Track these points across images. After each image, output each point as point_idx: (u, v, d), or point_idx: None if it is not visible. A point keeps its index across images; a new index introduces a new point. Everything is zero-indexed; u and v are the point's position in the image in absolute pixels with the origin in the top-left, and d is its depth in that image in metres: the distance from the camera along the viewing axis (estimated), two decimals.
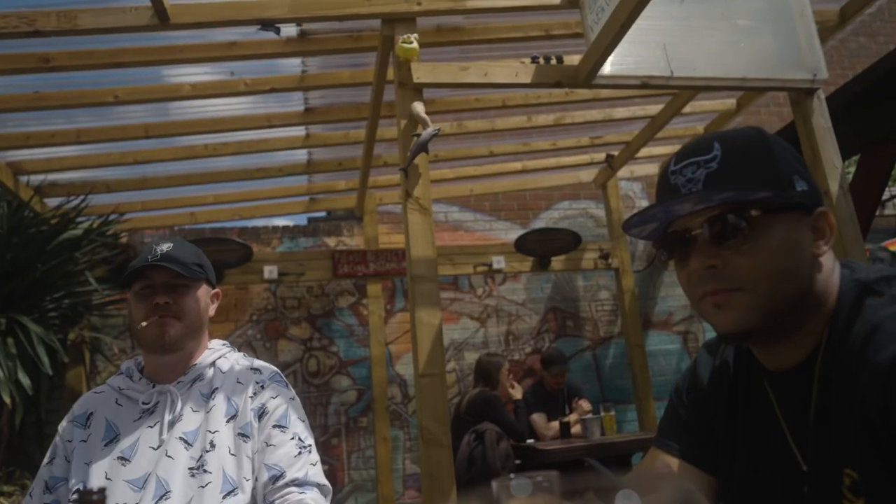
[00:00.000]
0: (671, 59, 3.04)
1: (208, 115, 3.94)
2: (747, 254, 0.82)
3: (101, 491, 0.70)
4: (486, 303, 5.69)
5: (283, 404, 1.43)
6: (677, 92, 4.11)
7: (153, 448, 1.33)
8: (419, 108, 2.81)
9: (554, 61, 3.09)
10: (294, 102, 3.95)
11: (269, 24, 2.96)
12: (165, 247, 1.43)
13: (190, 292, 1.44)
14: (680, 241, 0.87)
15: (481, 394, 4.06)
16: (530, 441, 4.19)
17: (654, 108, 4.60)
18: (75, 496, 1.20)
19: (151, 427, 1.37)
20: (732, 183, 0.83)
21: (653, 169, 5.75)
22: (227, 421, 1.39)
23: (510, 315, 5.71)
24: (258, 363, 1.52)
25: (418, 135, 2.74)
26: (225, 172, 4.64)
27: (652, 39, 3.04)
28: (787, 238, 0.83)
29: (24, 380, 3.81)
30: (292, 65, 3.65)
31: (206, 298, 1.49)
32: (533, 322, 5.73)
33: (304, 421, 1.45)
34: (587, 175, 5.73)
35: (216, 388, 1.43)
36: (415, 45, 2.89)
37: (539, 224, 5.95)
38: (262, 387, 1.45)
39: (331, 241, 5.57)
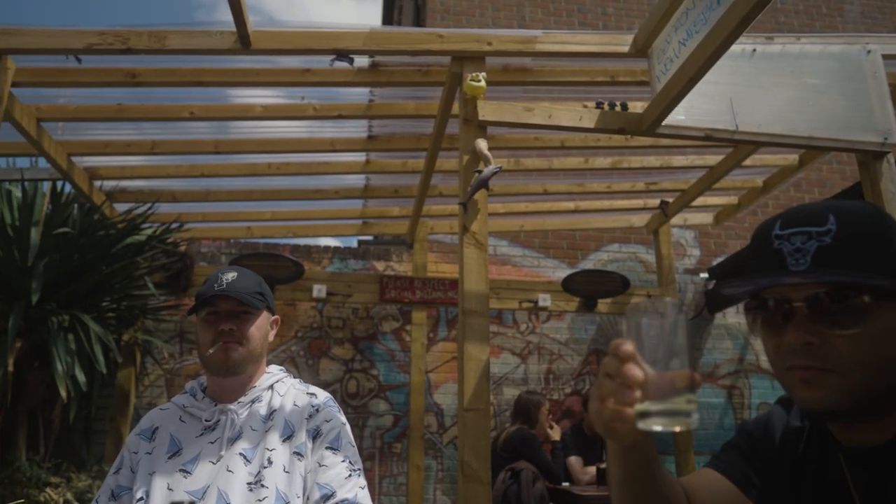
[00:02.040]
0: (737, 113, 3.04)
1: (275, 135, 4.09)
2: (849, 338, 0.79)
3: None
4: (528, 339, 5.67)
5: (336, 428, 1.50)
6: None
7: (213, 462, 1.41)
8: (483, 144, 2.87)
9: (618, 108, 3.12)
10: (358, 129, 4.07)
11: (343, 55, 3.08)
12: (230, 276, 1.52)
13: (252, 319, 1.52)
14: (776, 309, 0.85)
15: (519, 431, 4.04)
16: (565, 484, 4.13)
17: (713, 159, 4.57)
18: None
19: (212, 443, 1.45)
20: (845, 263, 0.80)
21: (706, 218, 5.68)
22: (283, 441, 1.46)
23: (552, 353, 5.67)
24: (313, 388, 1.60)
25: (480, 171, 2.80)
26: (284, 191, 4.78)
27: (718, 92, 3.05)
28: (893, 328, 0.80)
29: (80, 376, 3.96)
30: (360, 93, 3.77)
31: (266, 325, 1.58)
32: (574, 363, 5.68)
33: (353, 446, 1.52)
34: (639, 220, 5.69)
35: (274, 410, 1.51)
36: (482, 83, 2.96)
37: (587, 265, 5.93)
38: (317, 410, 1.52)
39: (379, 266, 5.65)
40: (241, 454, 1.42)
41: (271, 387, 1.56)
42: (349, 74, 3.37)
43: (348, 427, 1.55)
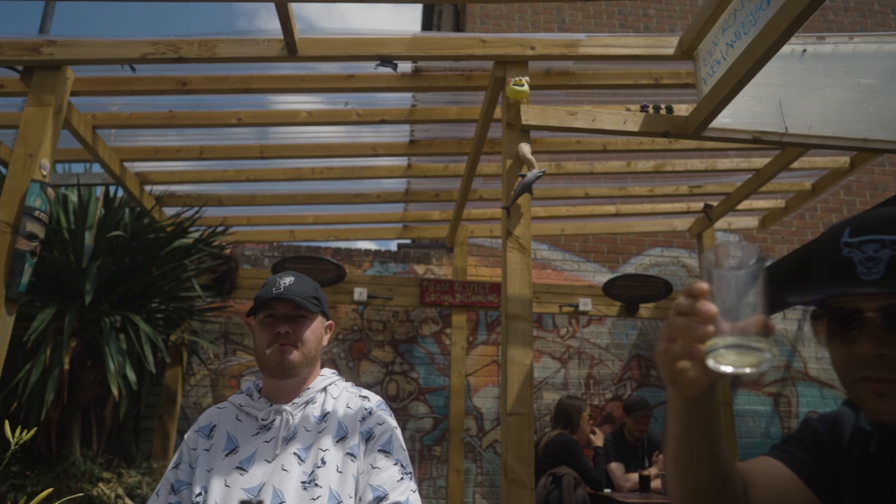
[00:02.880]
0: (786, 115, 2.98)
1: (319, 140, 4.15)
2: None
3: (259, 503, 0.77)
4: (568, 343, 5.63)
5: (388, 431, 1.53)
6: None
7: (268, 461, 1.44)
8: (526, 149, 2.87)
9: (663, 111, 3.09)
10: (400, 134, 4.11)
11: (387, 61, 3.12)
12: (288, 280, 1.54)
13: (307, 323, 1.55)
14: (846, 319, 0.83)
15: (560, 436, 4.01)
16: (607, 490, 4.09)
17: (759, 161, 4.48)
18: None
19: (267, 442, 1.48)
20: None
21: (752, 222, 5.57)
22: (337, 442, 1.48)
23: (592, 358, 5.62)
24: (365, 391, 1.63)
25: (523, 175, 2.80)
26: (327, 195, 4.86)
27: (767, 94, 3.00)
28: None
29: (131, 375, 4.07)
30: (403, 98, 3.81)
31: (320, 329, 1.60)
32: (615, 368, 5.62)
33: (405, 449, 1.54)
34: (682, 223, 5.61)
35: (327, 412, 1.54)
36: (525, 87, 2.97)
37: (628, 269, 5.86)
38: (370, 413, 1.55)
39: (419, 269, 5.69)
40: (295, 454, 1.45)
41: (325, 389, 1.59)
42: (392, 80, 3.41)
43: (399, 431, 1.57)
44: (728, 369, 0.71)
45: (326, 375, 1.63)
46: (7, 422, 1.97)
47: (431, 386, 5.34)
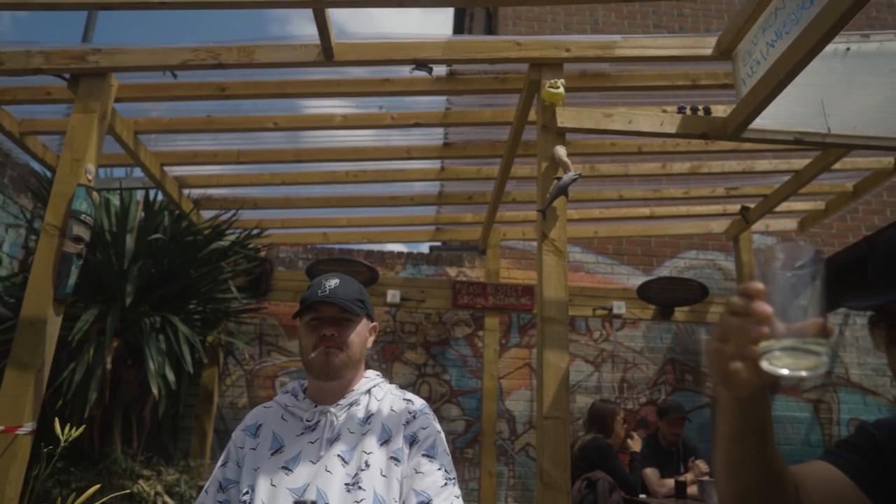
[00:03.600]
0: (829, 116, 2.91)
1: (353, 143, 4.19)
2: None
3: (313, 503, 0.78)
4: (601, 346, 5.59)
5: (432, 435, 1.52)
6: None
7: (313, 462, 1.46)
8: (562, 151, 2.86)
9: (701, 112, 3.05)
10: (434, 137, 4.13)
11: (423, 65, 3.14)
12: (333, 283, 1.54)
13: (353, 326, 1.55)
14: None
15: (595, 440, 3.98)
16: (642, 496, 4.04)
17: (799, 163, 4.39)
18: None
19: (312, 443, 1.49)
20: None
21: (791, 224, 5.46)
22: (381, 444, 1.48)
23: (626, 362, 5.57)
24: (409, 395, 1.63)
25: (559, 178, 2.79)
26: (360, 198, 4.90)
27: (808, 94, 2.94)
28: None
29: (170, 375, 4.16)
30: (437, 102, 3.82)
31: (365, 332, 1.60)
32: (650, 372, 5.56)
33: (448, 454, 1.53)
34: (718, 226, 5.52)
35: (371, 414, 1.54)
36: (561, 90, 2.96)
37: (663, 272, 5.80)
38: (414, 416, 1.54)
39: (451, 271, 5.70)
40: (338, 455, 1.46)
41: (369, 391, 1.59)
42: (427, 83, 3.42)
43: (443, 435, 1.56)
44: (784, 371, 0.70)
45: (371, 377, 1.63)
46: (57, 419, 2.03)
47: (464, 388, 5.34)
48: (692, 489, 4.03)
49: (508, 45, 3.10)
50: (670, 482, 4.13)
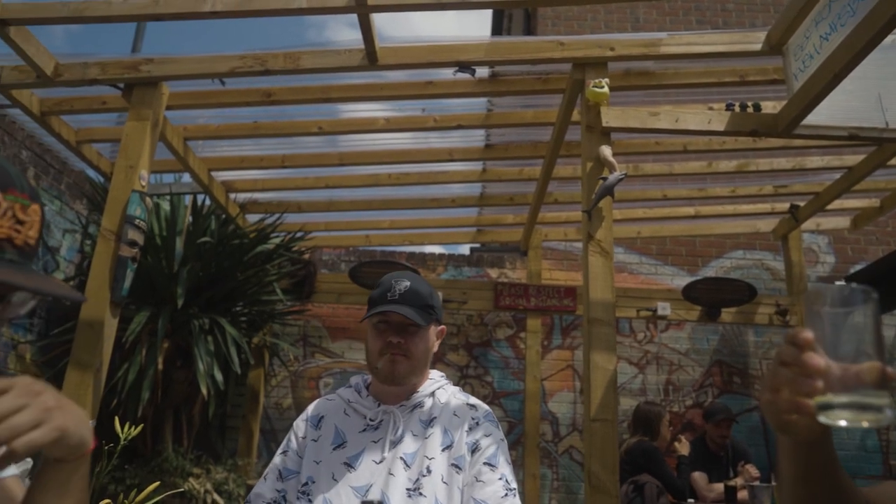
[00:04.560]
0: (887, 110, 2.82)
1: (395, 146, 4.22)
2: None
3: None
4: (646, 348, 5.51)
5: (494, 444, 1.47)
6: None
7: (376, 462, 1.43)
8: (607, 151, 2.83)
9: (750, 108, 2.99)
10: (476, 139, 4.13)
11: (466, 67, 3.14)
12: (404, 286, 1.48)
13: (420, 333, 1.50)
14: None
15: (641, 443, 3.93)
16: (690, 501, 3.97)
17: (852, 159, 4.26)
18: None
19: (375, 442, 1.47)
20: None
21: (843, 222, 5.30)
22: (443, 450, 1.45)
23: (671, 364, 5.48)
24: (473, 400, 1.58)
25: (605, 178, 2.76)
26: (403, 200, 4.93)
27: (864, 88, 2.84)
28: None
29: (218, 375, 4.25)
30: (479, 103, 3.82)
31: (433, 338, 1.55)
32: (696, 374, 5.46)
33: (510, 464, 1.48)
34: (766, 225, 5.39)
35: (434, 418, 1.50)
36: (605, 89, 2.93)
37: (708, 272, 5.68)
38: (477, 423, 1.50)
39: (493, 273, 5.69)
40: (401, 458, 1.43)
41: (433, 393, 1.55)
42: (469, 85, 3.42)
43: (505, 444, 1.52)
44: (842, 423, 0.65)
45: (435, 379, 1.59)
46: (116, 418, 2.10)
47: (506, 390, 5.32)
48: (742, 494, 3.94)
49: (552, 46, 3.09)
50: (719, 487, 4.05)
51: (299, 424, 1.57)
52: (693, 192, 4.88)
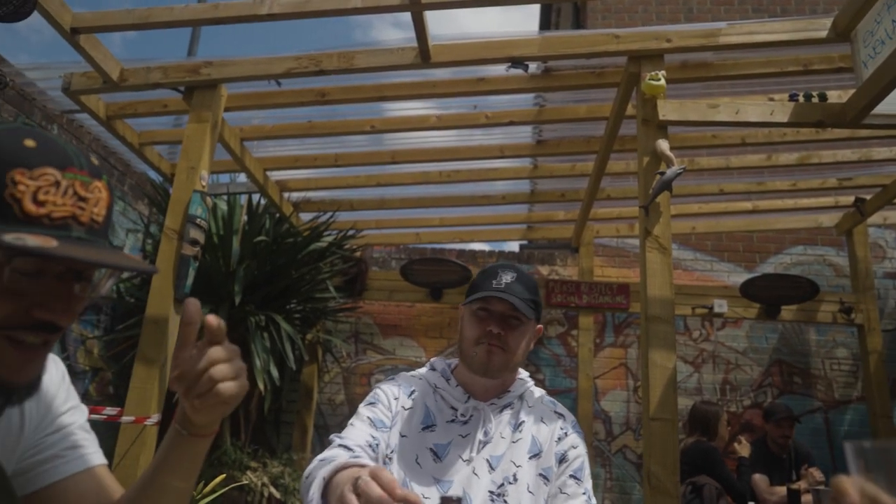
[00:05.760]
0: None
1: (446, 144, 4.23)
2: None
3: (458, 500, 0.79)
4: (701, 347, 5.38)
5: (581, 456, 1.42)
6: None
7: (462, 459, 1.37)
8: (664, 145, 2.78)
9: (815, 99, 2.88)
10: (527, 134, 4.10)
11: (519, 62, 3.12)
12: (510, 277, 1.42)
13: (521, 328, 1.42)
14: None
15: (699, 444, 3.83)
16: None
17: None
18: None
19: (462, 437, 1.40)
20: None
21: None
22: (531, 458, 1.40)
23: (728, 363, 5.34)
24: (560, 408, 1.52)
25: (662, 173, 2.71)
26: (453, 197, 4.93)
27: None
28: None
29: (274, 371, 4.34)
30: (530, 99, 3.79)
31: (531, 335, 1.47)
32: (754, 373, 5.31)
33: (590, 479, 1.44)
34: (829, 219, 5.20)
35: (523, 422, 1.45)
36: (662, 82, 2.87)
37: (767, 269, 5.52)
38: (566, 434, 1.44)
39: (543, 270, 5.65)
40: (487, 460, 1.37)
41: (521, 395, 1.49)
42: (522, 81, 3.40)
43: (587, 457, 1.46)
44: None
45: (524, 379, 1.52)
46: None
47: (558, 388, 5.28)
48: (806, 498, 3.81)
49: (606, 39, 3.04)
50: (781, 490, 3.92)
51: (390, 387, 1.47)
52: (751, 185, 4.74)
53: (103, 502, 0.93)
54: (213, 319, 0.79)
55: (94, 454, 0.97)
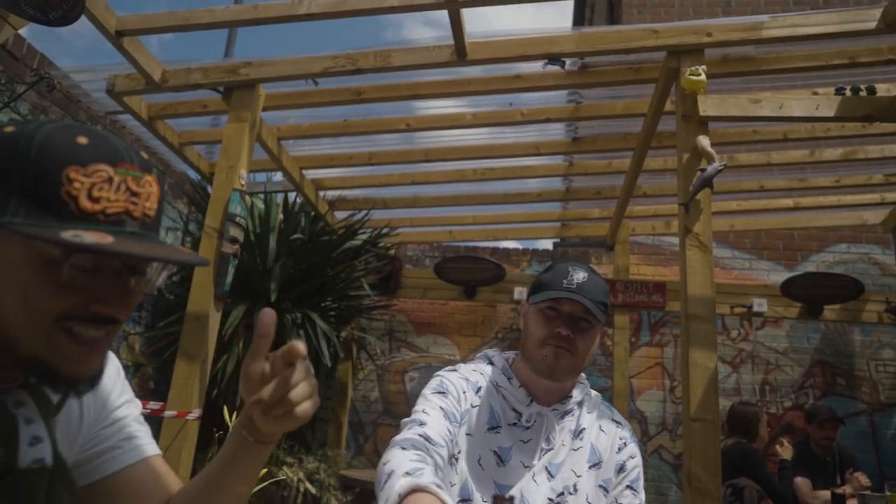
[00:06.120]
0: None
1: (481, 141, 4.22)
2: None
3: (511, 499, 0.78)
4: (740, 346, 5.29)
5: (638, 466, 1.41)
6: None
7: (524, 465, 1.35)
8: (705, 141, 2.73)
9: (863, 92, 2.80)
10: (562, 131, 4.07)
11: (556, 59, 3.10)
12: (581, 276, 1.36)
13: (590, 331, 1.37)
14: None
15: (739, 445, 3.76)
16: None
17: None
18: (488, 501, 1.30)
19: (524, 442, 1.37)
20: None
21: None
22: (590, 468, 1.38)
23: (768, 363, 5.23)
24: (618, 416, 1.49)
25: (703, 169, 2.66)
26: (487, 195, 4.92)
27: None
28: None
29: (310, 368, 4.37)
30: (566, 96, 3.76)
31: (597, 337, 1.42)
32: (795, 374, 5.19)
33: (644, 490, 1.42)
34: (874, 216, 5.06)
35: (583, 429, 1.41)
36: (703, 77, 2.82)
37: (809, 267, 5.39)
38: (625, 443, 1.42)
39: None
40: (546, 467, 1.36)
41: (581, 401, 1.44)
42: (558, 77, 3.38)
43: (643, 467, 1.45)
44: None
45: (584, 384, 1.48)
46: (224, 407, 2.20)
47: (593, 388, 5.22)
48: (851, 503, 3.71)
49: (644, 34, 2.99)
50: (825, 494, 3.83)
51: (457, 380, 1.40)
52: (793, 182, 4.63)
53: (160, 493, 0.95)
54: (299, 346, 0.78)
55: (149, 445, 0.99)
